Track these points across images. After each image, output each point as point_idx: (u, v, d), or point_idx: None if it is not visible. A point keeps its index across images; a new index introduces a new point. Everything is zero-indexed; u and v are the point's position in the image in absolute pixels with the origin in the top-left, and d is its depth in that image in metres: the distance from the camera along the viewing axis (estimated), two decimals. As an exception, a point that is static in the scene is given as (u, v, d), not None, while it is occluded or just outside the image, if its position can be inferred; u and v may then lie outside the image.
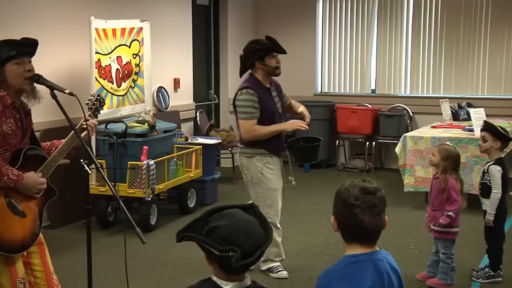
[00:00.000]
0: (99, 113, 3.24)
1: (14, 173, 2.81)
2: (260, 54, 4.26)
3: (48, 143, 3.15)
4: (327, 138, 8.64)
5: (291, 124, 4.34)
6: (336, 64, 9.03)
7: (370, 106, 8.57)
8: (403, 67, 8.64)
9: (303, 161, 4.50)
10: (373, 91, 8.91)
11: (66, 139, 3.02)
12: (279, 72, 4.35)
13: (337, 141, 8.66)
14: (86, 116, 3.06)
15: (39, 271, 3.04)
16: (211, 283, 1.84)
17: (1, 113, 2.82)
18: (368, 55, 8.79)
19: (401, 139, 6.51)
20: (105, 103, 3.31)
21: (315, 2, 8.95)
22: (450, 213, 4.10)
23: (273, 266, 4.50)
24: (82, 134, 3.03)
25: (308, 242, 5.33)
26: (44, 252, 3.09)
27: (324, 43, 9.06)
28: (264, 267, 4.51)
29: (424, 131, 6.73)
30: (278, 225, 4.50)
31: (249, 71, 4.39)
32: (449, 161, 4.14)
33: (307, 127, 4.33)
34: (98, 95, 3.21)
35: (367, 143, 8.33)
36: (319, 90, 9.18)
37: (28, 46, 2.91)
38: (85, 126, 3.03)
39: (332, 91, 9.10)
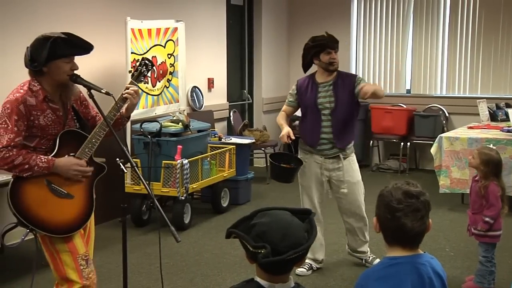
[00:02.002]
0: (145, 77, 3.28)
1: (43, 160, 2.87)
2: (315, 50, 4.36)
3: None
4: (361, 139, 8.59)
5: (285, 131, 4.30)
6: (370, 63, 8.95)
7: (405, 106, 8.47)
8: (439, 66, 8.52)
9: (273, 177, 4.36)
10: (408, 91, 8.80)
11: (99, 123, 3.05)
12: (333, 68, 4.37)
13: (371, 142, 8.58)
14: (127, 85, 3.10)
15: None
16: (254, 284, 1.84)
17: (36, 107, 2.88)
18: (403, 54, 8.69)
19: (436, 139, 6.41)
20: (152, 66, 3.29)
21: (350, 2, 8.89)
22: (487, 219, 4.00)
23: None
24: (125, 105, 3.07)
25: (341, 243, 5.28)
26: (90, 239, 3.19)
27: (359, 42, 8.99)
28: None
29: (461, 132, 6.62)
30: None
31: None
32: (490, 167, 4.01)
33: (285, 139, 4.24)
34: (143, 59, 3.24)
35: (402, 143, 8.24)
36: (353, 90, 9.10)
37: (83, 50, 2.98)
38: (126, 95, 3.05)
39: (366, 91, 9.02)
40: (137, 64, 3.24)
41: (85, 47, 2.99)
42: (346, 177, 4.43)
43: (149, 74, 3.30)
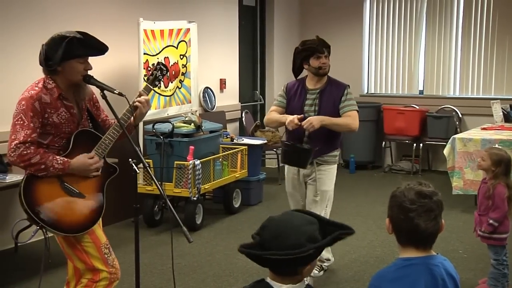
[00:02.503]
0: (159, 81, 3.30)
1: (59, 161, 2.89)
2: (305, 54, 4.27)
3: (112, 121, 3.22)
4: (373, 139, 8.56)
5: (290, 117, 4.10)
6: (383, 64, 8.92)
7: (417, 107, 8.43)
8: (452, 67, 8.47)
9: (282, 160, 4.21)
10: (421, 92, 8.76)
11: (114, 125, 3.08)
12: (323, 72, 4.28)
13: (384, 143, 8.55)
14: (140, 91, 3.13)
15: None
16: (264, 284, 1.84)
17: (50, 105, 2.90)
18: (416, 55, 8.65)
19: (449, 141, 6.38)
20: (168, 70, 3.32)
21: (362, 2, 8.86)
22: (491, 222, 3.96)
23: None
24: (135, 113, 3.10)
25: (353, 244, 5.27)
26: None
27: (371, 43, 8.96)
28: None
29: (474, 133, 6.58)
30: None
31: None
32: (501, 166, 3.99)
33: (296, 121, 4.04)
34: (158, 63, 3.28)
35: (414, 144, 8.20)
36: (366, 91, 9.09)
37: (98, 51, 3.00)
38: (137, 103, 3.09)
39: (379, 92, 9.00)
40: (153, 68, 3.26)
41: (100, 48, 3.01)
42: (317, 184, 4.28)
43: (163, 79, 3.32)
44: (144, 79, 3.28)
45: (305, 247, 1.77)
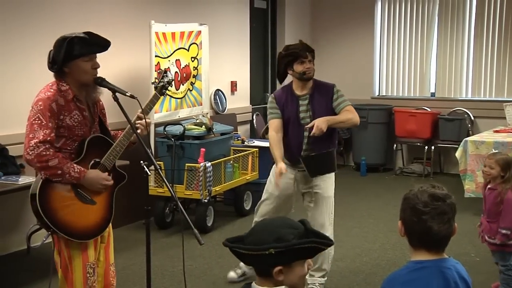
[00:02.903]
0: (167, 90, 3.29)
1: (76, 170, 2.89)
2: (288, 60, 4.17)
3: (114, 132, 3.23)
4: (385, 142, 8.53)
5: (278, 166, 3.98)
6: (394, 66, 8.89)
7: (429, 110, 8.39)
8: (464, 69, 8.42)
9: (311, 174, 4.05)
10: (433, 94, 8.72)
11: (127, 128, 3.08)
12: (307, 77, 4.18)
13: (395, 145, 8.52)
14: (138, 114, 3.11)
15: (101, 261, 3.14)
16: (246, 286, 1.90)
17: (64, 107, 2.90)
18: (428, 57, 8.61)
19: (461, 143, 6.34)
20: (173, 79, 3.33)
21: (374, 4, 8.84)
22: (504, 231, 3.90)
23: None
24: (139, 131, 3.09)
25: (364, 247, 5.26)
26: (109, 243, 3.20)
27: (383, 45, 8.93)
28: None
29: (486, 136, 6.54)
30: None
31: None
32: (510, 169, 3.93)
33: (278, 180, 4.00)
34: (165, 72, 3.26)
35: (426, 147, 8.16)
36: (377, 93, 9.06)
37: (100, 47, 2.99)
38: (138, 125, 3.09)
39: (390, 94, 8.97)
40: (160, 76, 3.25)
41: (103, 44, 3.00)
42: (317, 190, 4.19)
43: (170, 87, 3.31)
44: (153, 84, 3.25)
45: (281, 242, 1.79)
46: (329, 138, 4.15)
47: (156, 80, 3.24)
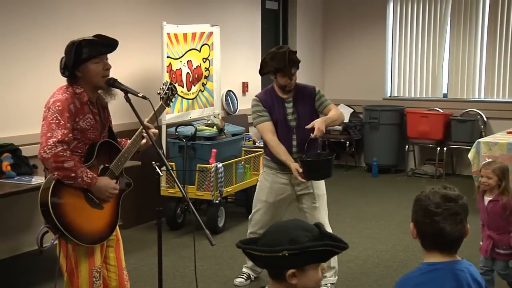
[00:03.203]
0: (171, 102, 3.31)
1: (89, 175, 2.89)
2: (272, 69, 4.13)
3: (122, 140, 3.25)
4: (396, 143, 8.49)
5: (293, 167, 4.01)
6: (406, 67, 8.85)
7: (441, 111, 8.34)
8: (477, 70, 8.36)
9: (309, 178, 4.06)
10: (445, 95, 8.67)
11: (135, 135, 3.10)
12: (288, 90, 4.16)
13: (407, 146, 8.48)
14: (146, 123, 3.11)
15: (113, 266, 3.14)
16: None
17: (79, 110, 2.91)
18: (440, 57, 8.56)
19: (474, 144, 6.29)
20: (177, 91, 3.35)
21: (386, 4, 8.81)
22: None
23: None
24: (143, 142, 3.11)
25: (376, 248, 5.24)
26: (119, 247, 3.19)
27: (394, 45, 8.90)
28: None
29: (499, 137, 6.48)
30: (251, 235, 4.36)
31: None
32: (506, 177, 3.84)
33: (300, 179, 3.99)
34: (170, 83, 3.28)
35: (438, 148, 8.11)
36: (389, 94, 9.02)
37: (109, 47, 3.00)
38: (145, 134, 3.09)
39: (402, 95, 8.93)
40: (165, 87, 3.25)
41: (111, 44, 3.01)
42: (315, 190, 4.21)
43: (173, 99, 3.34)
44: (159, 95, 3.27)
45: (294, 243, 1.77)
46: (313, 140, 4.15)
47: (161, 91, 3.25)
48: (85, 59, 2.90)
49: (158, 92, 3.25)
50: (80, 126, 2.91)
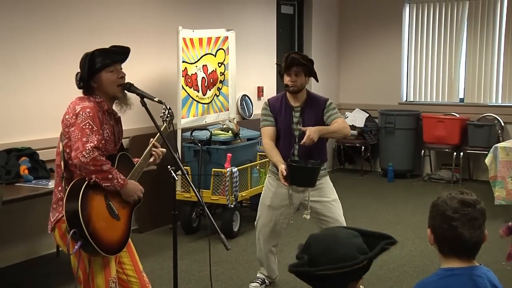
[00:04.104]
0: (171, 126, 3.30)
1: (122, 177, 2.93)
2: (279, 69, 4.18)
3: (134, 158, 3.27)
4: (412, 148, 8.45)
5: (280, 168, 3.98)
6: (422, 71, 8.79)
7: (458, 116, 8.28)
8: (494, 74, 8.28)
9: (291, 182, 4.01)
10: (462, 100, 8.60)
11: (144, 153, 3.14)
12: (292, 90, 4.14)
13: (423, 151, 8.43)
14: (153, 142, 3.15)
15: (130, 270, 3.15)
16: None
17: (103, 120, 2.94)
18: (457, 62, 8.50)
19: (491, 149, 6.24)
20: (174, 117, 3.35)
21: (402, 8, 8.77)
22: None
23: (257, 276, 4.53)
24: (150, 160, 3.15)
25: (392, 254, 5.20)
26: (132, 252, 3.20)
27: (410, 50, 8.85)
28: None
29: (517, 142, 6.43)
30: (260, 241, 4.40)
31: None
32: None
33: (283, 181, 3.96)
34: (169, 108, 3.26)
35: (455, 153, 8.05)
36: (405, 99, 8.97)
37: (121, 54, 3.03)
38: (154, 152, 3.14)
39: (418, 100, 8.88)
40: (166, 112, 3.24)
41: (123, 51, 3.04)
42: (322, 197, 4.19)
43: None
44: (161, 118, 3.29)
45: (357, 258, 1.72)
46: (319, 148, 4.14)
47: (163, 115, 3.25)
48: (99, 68, 2.93)
49: (161, 115, 3.25)
50: (103, 135, 2.94)
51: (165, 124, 3.26)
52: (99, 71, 2.94)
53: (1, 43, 4.75)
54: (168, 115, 3.25)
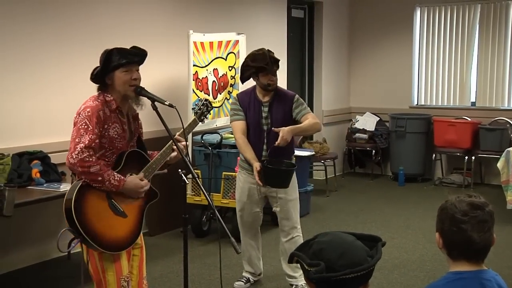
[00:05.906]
0: (206, 118, 3.37)
1: (116, 178, 2.93)
2: (253, 70, 4.23)
3: (154, 152, 3.28)
4: (423, 152, 8.41)
5: (255, 166, 4.08)
6: (433, 75, 8.75)
7: (469, 119, 8.24)
8: (507, 77, 8.22)
9: (265, 182, 4.10)
10: (473, 103, 8.55)
11: (164, 148, 3.13)
12: (271, 88, 4.23)
13: (434, 155, 8.38)
14: (176, 136, 3.15)
15: (135, 275, 3.16)
16: None
17: (108, 118, 2.96)
18: (468, 65, 8.46)
19: (503, 154, 6.21)
20: (212, 108, 3.42)
21: (413, 12, 8.74)
22: None
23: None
24: (173, 155, 3.14)
25: (403, 258, 5.18)
26: (142, 256, 3.21)
27: (421, 53, 8.82)
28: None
29: (529, 146, 6.39)
30: (242, 237, 4.52)
31: None
32: None
33: (258, 180, 4.08)
34: (205, 100, 3.37)
35: (466, 157, 8.01)
36: (416, 103, 8.94)
37: (138, 56, 3.06)
38: (175, 147, 3.13)
39: (429, 104, 8.84)
40: (200, 104, 3.33)
41: (140, 54, 3.06)
42: (280, 194, 4.28)
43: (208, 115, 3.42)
44: (193, 110, 3.34)
45: (368, 262, 1.73)
46: (289, 146, 4.19)
47: (196, 107, 3.32)
48: (115, 66, 2.96)
49: (193, 107, 3.28)
50: (109, 134, 2.96)
51: (194, 117, 3.31)
52: (115, 69, 2.97)
53: (12, 47, 4.78)
54: (202, 107, 3.30)
